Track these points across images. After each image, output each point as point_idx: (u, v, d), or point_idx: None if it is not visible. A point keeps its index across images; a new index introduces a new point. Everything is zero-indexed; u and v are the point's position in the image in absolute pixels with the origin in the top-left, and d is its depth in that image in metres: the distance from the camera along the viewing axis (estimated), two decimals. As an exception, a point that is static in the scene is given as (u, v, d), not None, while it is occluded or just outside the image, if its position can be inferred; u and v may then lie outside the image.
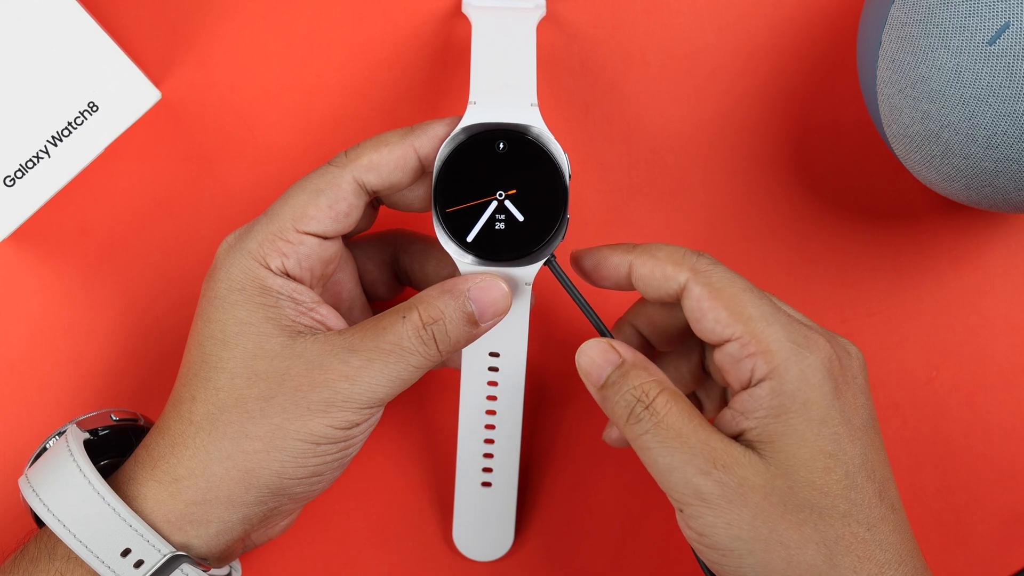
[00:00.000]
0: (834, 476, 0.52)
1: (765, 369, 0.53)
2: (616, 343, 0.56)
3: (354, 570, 0.65)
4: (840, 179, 0.66)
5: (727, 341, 0.54)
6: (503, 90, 0.57)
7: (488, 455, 0.62)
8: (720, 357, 0.54)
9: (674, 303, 0.56)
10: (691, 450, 0.53)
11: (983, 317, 0.66)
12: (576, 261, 0.58)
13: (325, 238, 0.57)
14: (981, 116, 0.55)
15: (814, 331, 0.54)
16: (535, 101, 0.57)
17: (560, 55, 0.65)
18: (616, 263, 0.57)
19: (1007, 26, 0.54)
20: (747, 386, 0.54)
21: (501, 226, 0.57)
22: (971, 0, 0.55)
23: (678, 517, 0.54)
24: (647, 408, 0.54)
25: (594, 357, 0.56)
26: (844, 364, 0.54)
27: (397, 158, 0.57)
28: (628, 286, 0.57)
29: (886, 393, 0.66)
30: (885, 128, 0.59)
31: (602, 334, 0.57)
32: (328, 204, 0.56)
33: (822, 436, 0.52)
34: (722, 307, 0.54)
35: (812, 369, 0.53)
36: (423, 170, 0.57)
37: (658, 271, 0.55)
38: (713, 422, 0.55)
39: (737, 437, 0.54)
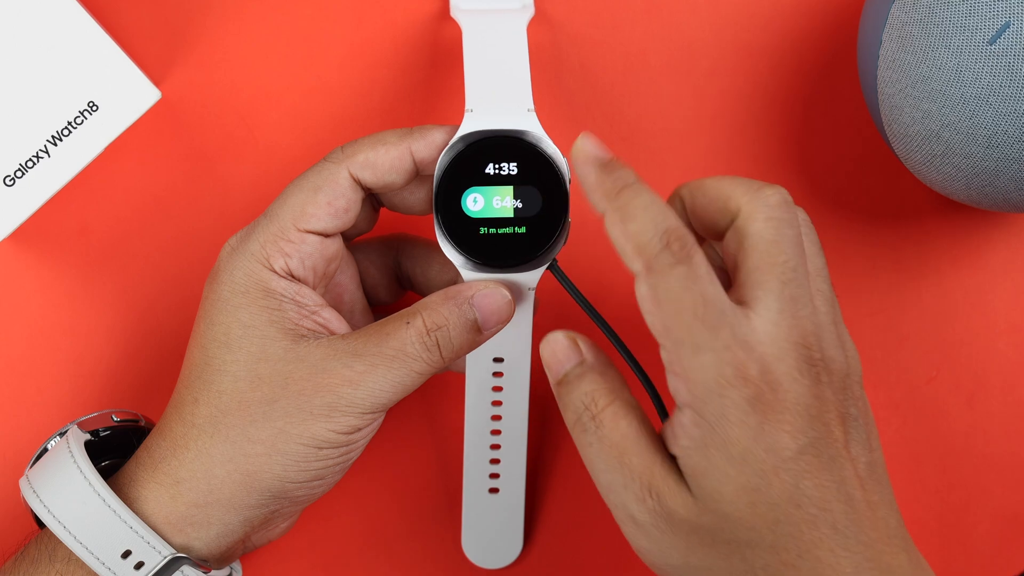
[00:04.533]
0: (759, 511, 0.50)
1: (686, 397, 0.51)
2: (581, 339, 0.55)
3: (357, 572, 0.65)
4: (840, 179, 0.66)
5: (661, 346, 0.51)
6: (499, 96, 0.57)
7: (495, 461, 0.62)
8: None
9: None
10: (631, 474, 0.51)
11: (983, 317, 0.66)
12: None
13: (326, 235, 0.57)
14: (982, 116, 0.55)
15: (756, 350, 0.50)
16: (531, 106, 0.57)
17: (560, 56, 0.65)
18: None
19: (1007, 26, 0.54)
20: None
21: (503, 232, 0.57)
22: (971, 0, 0.55)
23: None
24: (594, 418, 0.52)
25: (556, 351, 0.54)
26: (779, 388, 0.51)
27: (393, 159, 0.57)
28: None
29: (886, 393, 0.66)
30: (885, 128, 0.59)
31: (607, 336, 0.57)
32: (327, 201, 0.56)
33: (745, 473, 0.50)
34: (659, 319, 0.51)
35: (732, 406, 0.50)
36: (417, 173, 0.57)
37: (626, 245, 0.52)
38: (660, 432, 0.53)
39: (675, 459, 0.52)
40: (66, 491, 0.54)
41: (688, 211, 0.54)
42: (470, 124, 0.57)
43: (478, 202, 0.57)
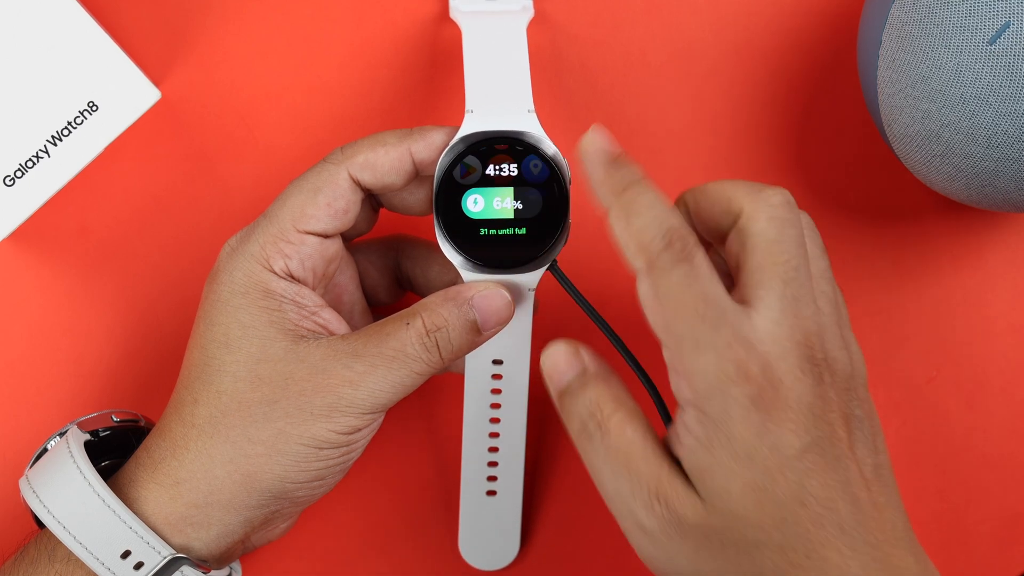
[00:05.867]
0: (766, 510, 0.50)
1: (689, 395, 0.50)
2: (582, 349, 0.54)
3: (356, 573, 0.65)
4: (840, 179, 0.66)
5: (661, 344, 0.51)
6: (499, 97, 0.57)
7: (493, 463, 0.62)
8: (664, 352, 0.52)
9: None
10: (638, 480, 0.51)
11: (983, 317, 0.66)
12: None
13: (326, 236, 0.57)
14: (981, 115, 0.55)
15: (758, 348, 0.50)
16: (532, 107, 0.57)
17: (560, 56, 0.65)
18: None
19: (1007, 26, 0.54)
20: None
21: (503, 233, 0.57)
22: (971, 0, 0.55)
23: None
24: (599, 427, 0.52)
25: (557, 361, 0.54)
26: (782, 384, 0.50)
27: (393, 160, 0.57)
28: None
29: (886, 393, 0.66)
30: (885, 128, 0.59)
31: (608, 337, 0.57)
32: (326, 202, 0.56)
33: (751, 470, 0.50)
34: (660, 317, 0.51)
35: (735, 404, 0.50)
36: (417, 174, 0.58)
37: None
38: (664, 437, 0.52)
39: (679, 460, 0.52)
40: (66, 491, 0.54)
41: (692, 214, 0.54)
42: (470, 125, 0.57)
43: (478, 203, 0.57)
